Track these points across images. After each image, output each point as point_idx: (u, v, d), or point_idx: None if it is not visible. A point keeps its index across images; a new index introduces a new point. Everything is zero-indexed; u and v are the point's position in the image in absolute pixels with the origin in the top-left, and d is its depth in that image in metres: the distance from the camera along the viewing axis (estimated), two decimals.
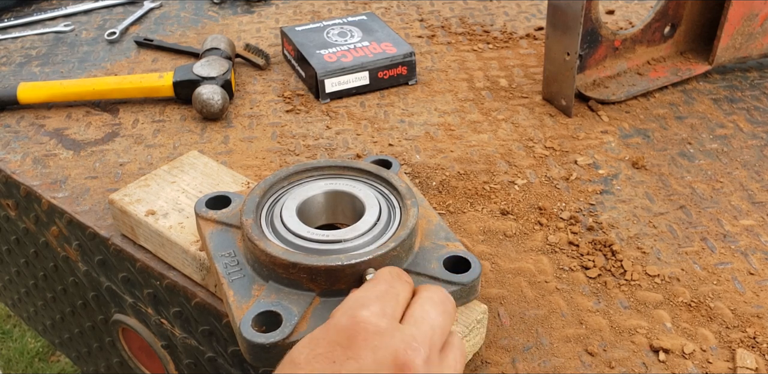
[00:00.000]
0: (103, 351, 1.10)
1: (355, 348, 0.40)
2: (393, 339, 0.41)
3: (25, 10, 1.31)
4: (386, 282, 0.47)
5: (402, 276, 0.49)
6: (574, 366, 0.63)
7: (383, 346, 0.40)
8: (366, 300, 0.45)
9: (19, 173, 0.89)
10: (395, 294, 0.46)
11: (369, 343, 0.41)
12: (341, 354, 0.40)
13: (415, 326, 0.44)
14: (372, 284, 0.48)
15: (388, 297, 0.45)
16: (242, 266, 0.60)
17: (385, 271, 0.51)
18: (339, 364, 0.40)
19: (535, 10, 1.26)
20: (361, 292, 0.47)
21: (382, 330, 0.42)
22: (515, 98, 1.01)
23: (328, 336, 0.42)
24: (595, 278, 0.72)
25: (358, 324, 0.42)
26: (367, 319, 0.42)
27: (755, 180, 0.85)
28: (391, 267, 0.52)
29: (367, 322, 0.42)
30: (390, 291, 0.46)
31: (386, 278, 0.48)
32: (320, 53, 1.03)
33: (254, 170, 0.87)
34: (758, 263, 0.73)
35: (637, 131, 0.94)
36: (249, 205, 0.62)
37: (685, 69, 1.03)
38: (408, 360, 0.40)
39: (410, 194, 0.63)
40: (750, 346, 0.64)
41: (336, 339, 0.41)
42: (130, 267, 0.78)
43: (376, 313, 0.43)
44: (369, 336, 0.41)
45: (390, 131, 0.95)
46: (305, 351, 0.41)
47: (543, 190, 0.84)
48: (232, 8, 1.29)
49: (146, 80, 1.00)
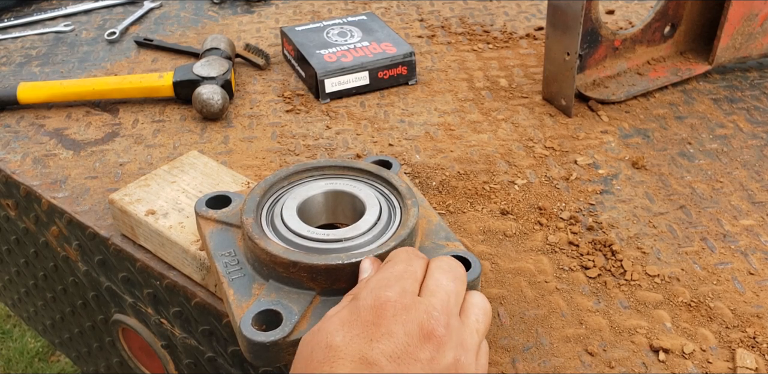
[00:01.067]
0: (103, 351, 1.10)
1: (387, 325, 0.45)
2: (417, 312, 0.46)
3: (25, 10, 1.31)
4: (404, 262, 0.51)
5: (417, 254, 0.53)
6: (574, 366, 0.63)
7: (410, 320, 0.45)
8: (387, 281, 0.49)
9: (19, 173, 0.89)
10: (413, 272, 0.50)
11: (398, 319, 0.45)
12: (375, 331, 0.44)
13: (432, 296, 0.48)
14: (391, 264, 0.52)
15: (406, 275, 0.49)
16: (242, 265, 0.60)
17: (402, 251, 0.54)
18: (376, 341, 0.44)
19: (535, 10, 1.26)
20: (382, 273, 0.51)
21: (407, 305, 0.46)
22: (515, 98, 1.01)
23: (360, 317, 0.46)
24: (595, 278, 0.72)
25: (385, 303, 0.46)
26: (393, 298, 0.46)
27: (755, 180, 0.85)
28: (406, 247, 0.56)
29: (393, 301, 0.46)
30: (408, 269, 0.50)
31: (403, 259, 0.52)
32: (320, 53, 1.03)
33: (254, 170, 0.87)
34: (758, 263, 0.73)
35: (637, 131, 0.94)
36: (249, 204, 0.62)
37: (685, 69, 1.03)
38: (432, 328, 0.45)
39: (410, 194, 0.63)
40: (750, 346, 0.64)
41: (368, 319, 0.45)
42: (130, 267, 0.78)
43: (398, 292, 0.47)
44: (397, 313, 0.45)
45: (390, 131, 0.95)
46: (341, 334, 0.45)
47: (543, 190, 0.84)
48: (232, 8, 1.29)
49: (146, 80, 1.00)
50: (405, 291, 0.47)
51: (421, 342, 0.44)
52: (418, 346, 0.44)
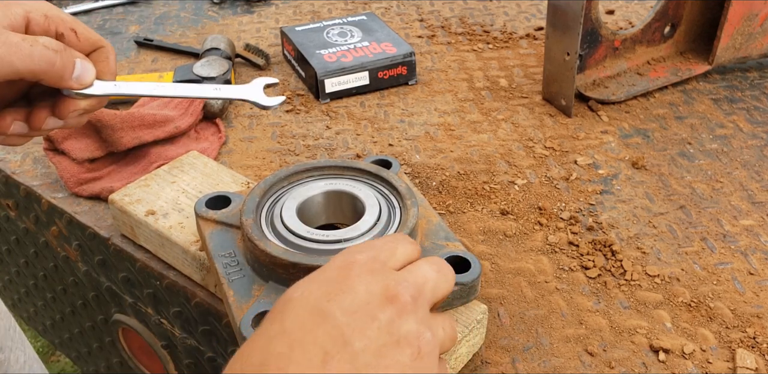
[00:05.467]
0: (103, 351, 1.10)
1: (348, 283, 0.42)
2: (384, 276, 0.43)
3: None
4: (387, 238, 0.49)
5: (408, 239, 0.50)
6: (574, 366, 0.63)
7: (375, 281, 0.43)
8: (362, 246, 0.47)
9: (19, 173, 0.89)
10: (393, 247, 0.47)
11: (362, 279, 0.43)
12: (336, 288, 0.42)
13: (408, 272, 0.45)
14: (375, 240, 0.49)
15: (384, 247, 0.47)
16: (242, 266, 0.60)
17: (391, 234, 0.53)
18: (334, 295, 0.41)
19: (535, 10, 1.26)
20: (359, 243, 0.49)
21: (375, 269, 0.44)
22: (515, 98, 1.01)
23: (323, 275, 0.44)
24: (595, 278, 0.72)
25: (352, 263, 0.44)
26: (361, 260, 0.44)
27: (755, 180, 0.85)
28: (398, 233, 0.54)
29: (361, 263, 0.44)
30: (388, 243, 0.48)
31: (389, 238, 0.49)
32: (320, 53, 1.03)
33: (254, 170, 0.87)
34: (758, 263, 0.73)
35: (637, 131, 0.94)
36: (249, 205, 0.62)
37: (685, 69, 1.03)
38: (398, 293, 0.42)
39: (410, 194, 0.63)
40: (750, 346, 0.64)
41: (330, 277, 0.43)
42: (130, 267, 0.78)
43: (370, 257, 0.45)
44: (362, 273, 0.43)
45: (390, 131, 0.95)
46: (299, 290, 0.43)
47: (543, 190, 0.84)
48: (232, 8, 1.29)
49: (146, 80, 1.00)
50: (376, 258, 0.45)
51: (382, 303, 0.41)
52: (378, 306, 0.41)
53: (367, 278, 0.43)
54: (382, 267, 0.44)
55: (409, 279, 0.44)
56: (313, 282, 0.43)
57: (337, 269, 0.44)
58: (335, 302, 0.41)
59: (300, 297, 0.42)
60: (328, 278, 0.43)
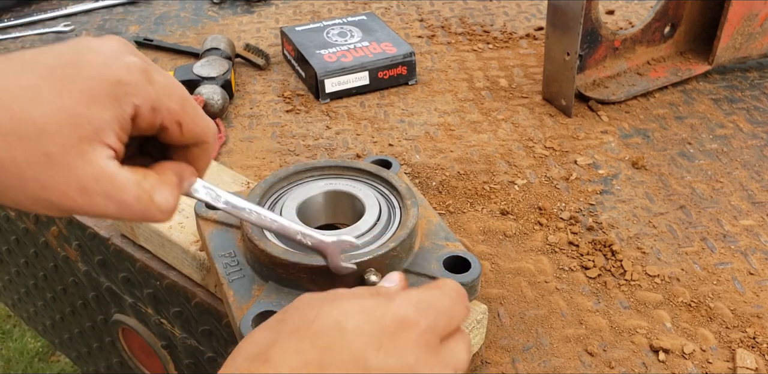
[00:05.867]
0: (103, 351, 1.10)
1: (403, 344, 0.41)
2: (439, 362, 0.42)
3: (25, 10, 1.31)
4: (451, 299, 0.46)
5: (465, 301, 0.47)
6: (574, 366, 0.63)
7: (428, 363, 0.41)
8: (429, 308, 0.44)
9: None
10: (453, 316, 0.45)
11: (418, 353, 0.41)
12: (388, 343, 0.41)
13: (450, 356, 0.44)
14: (441, 293, 0.46)
15: (446, 314, 0.44)
16: (242, 266, 0.60)
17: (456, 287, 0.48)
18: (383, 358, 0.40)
19: (535, 10, 1.26)
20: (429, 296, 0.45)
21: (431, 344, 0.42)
22: (515, 98, 1.01)
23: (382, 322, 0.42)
24: (595, 278, 0.72)
25: (412, 325, 0.42)
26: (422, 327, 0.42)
27: (755, 180, 0.85)
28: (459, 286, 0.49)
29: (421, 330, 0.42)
30: (450, 309, 0.45)
31: (452, 296, 0.46)
32: (320, 53, 1.03)
33: (254, 170, 0.87)
34: (758, 263, 0.73)
35: (637, 131, 0.94)
36: None
37: (685, 69, 1.03)
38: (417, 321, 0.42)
39: (410, 195, 0.63)
40: (750, 346, 0.64)
41: (389, 327, 0.42)
42: (130, 267, 0.78)
43: (429, 325, 0.43)
44: (419, 344, 0.42)
45: (390, 131, 0.95)
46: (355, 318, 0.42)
47: (543, 190, 0.84)
48: (232, 8, 1.29)
49: None
50: (434, 328, 0.43)
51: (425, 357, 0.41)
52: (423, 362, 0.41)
53: (423, 355, 0.41)
54: (436, 344, 0.42)
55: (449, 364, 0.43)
56: (370, 322, 0.41)
57: (398, 322, 0.42)
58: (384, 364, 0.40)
59: (353, 328, 0.40)
60: (385, 327, 0.41)
